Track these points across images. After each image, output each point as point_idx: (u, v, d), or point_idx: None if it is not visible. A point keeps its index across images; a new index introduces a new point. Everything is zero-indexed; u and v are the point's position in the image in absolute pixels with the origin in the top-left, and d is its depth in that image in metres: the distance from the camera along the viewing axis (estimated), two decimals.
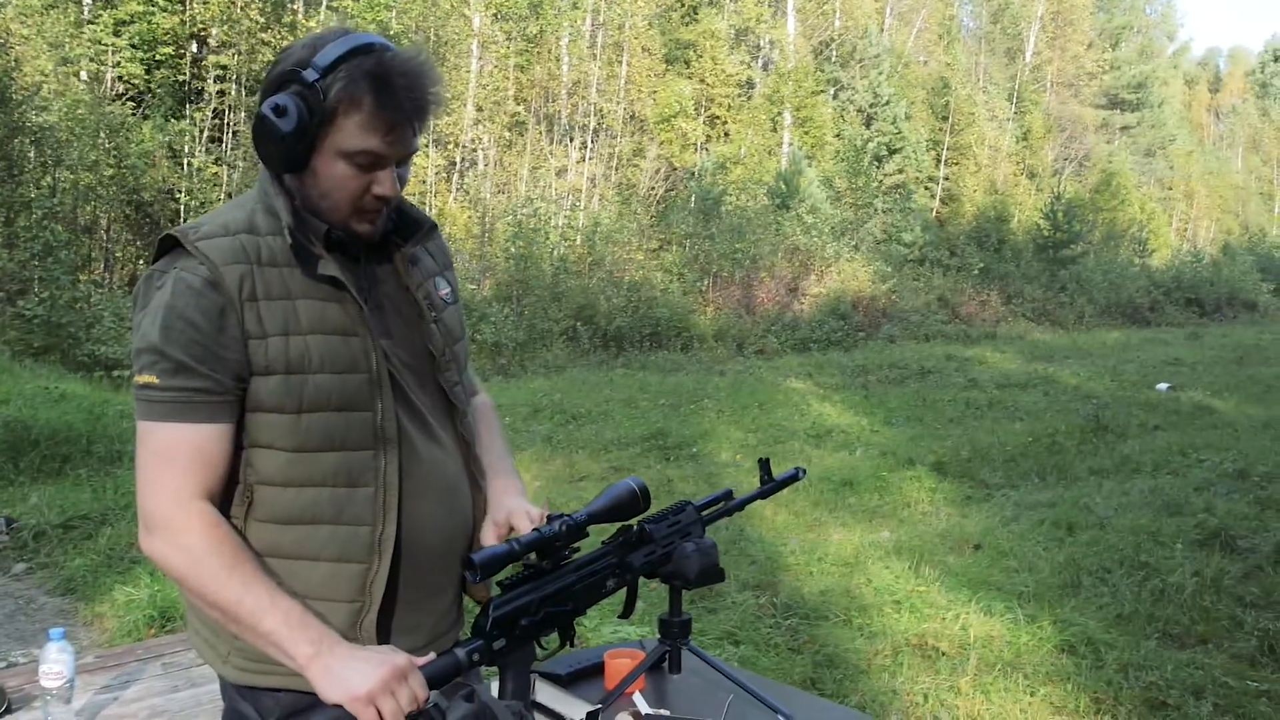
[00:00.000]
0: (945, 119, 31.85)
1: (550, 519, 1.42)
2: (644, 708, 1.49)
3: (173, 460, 1.30)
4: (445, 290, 1.56)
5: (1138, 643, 4.08)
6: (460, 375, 1.54)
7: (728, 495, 1.69)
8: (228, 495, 1.36)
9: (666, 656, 1.66)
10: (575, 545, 1.44)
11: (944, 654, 3.91)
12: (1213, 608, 4.48)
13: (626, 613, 1.74)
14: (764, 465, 1.76)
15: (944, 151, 31.50)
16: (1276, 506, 6.24)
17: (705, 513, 1.66)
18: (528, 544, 1.36)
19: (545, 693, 1.61)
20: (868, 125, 29.23)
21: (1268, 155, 55.13)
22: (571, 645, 1.44)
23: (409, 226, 1.51)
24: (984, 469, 7.63)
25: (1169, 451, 8.21)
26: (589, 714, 1.37)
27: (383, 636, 1.40)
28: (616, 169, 23.60)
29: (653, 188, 23.37)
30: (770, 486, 1.77)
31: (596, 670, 1.72)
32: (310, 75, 1.32)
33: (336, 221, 1.39)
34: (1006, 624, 4.25)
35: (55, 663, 2.48)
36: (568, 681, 1.65)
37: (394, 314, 1.46)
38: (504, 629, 1.34)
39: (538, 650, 1.43)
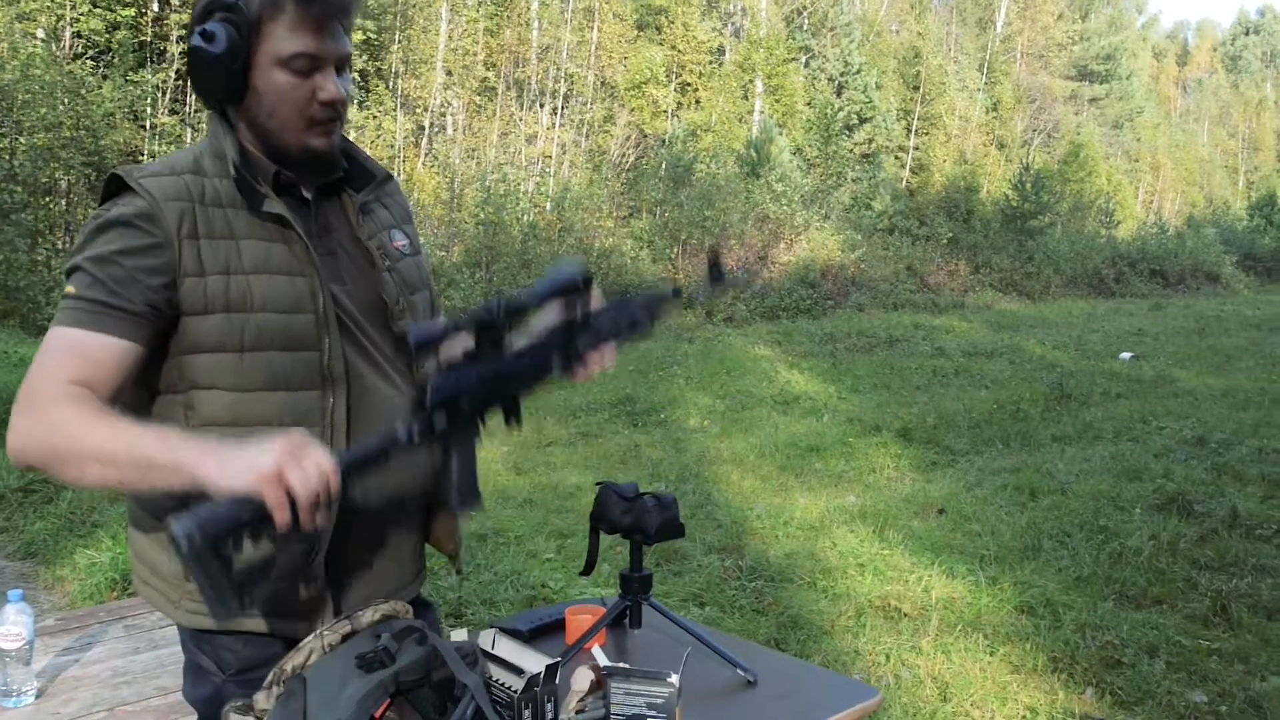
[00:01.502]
0: (916, 89, 31.90)
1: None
2: (603, 661, 1.50)
3: (54, 355, 1.27)
4: (402, 241, 1.54)
5: (1095, 604, 4.16)
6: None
7: (677, 292, 1.58)
8: None
9: (628, 612, 1.67)
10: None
11: (906, 615, 3.97)
12: (1168, 570, 4.56)
13: (588, 570, 1.76)
14: (715, 260, 1.58)
15: (914, 121, 31.57)
16: (1232, 473, 6.36)
17: (652, 307, 1.53)
18: (467, 319, 1.31)
19: (505, 647, 1.62)
20: (839, 94, 29.21)
21: (1234, 128, 55.66)
22: (519, 424, 1.38)
23: (362, 177, 1.50)
24: (949, 435, 7.71)
25: (1130, 419, 8.34)
26: (548, 667, 1.37)
27: (336, 587, 1.40)
28: (587, 135, 23.45)
29: (623, 155, 23.25)
30: (715, 288, 1.58)
31: (558, 626, 1.73)
32: None
33: (289, 143, 1.37)
34: (968, 586, 4.31)
35: (14, 624, 2.45)
36: (528, 637, 1.66)
37: (347, 261, 1.45)
38: (445, 406, 1.30)
39: (480, 430, 1.37)
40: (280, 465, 1.13)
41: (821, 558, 4.64)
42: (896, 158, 30.86)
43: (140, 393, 1.36)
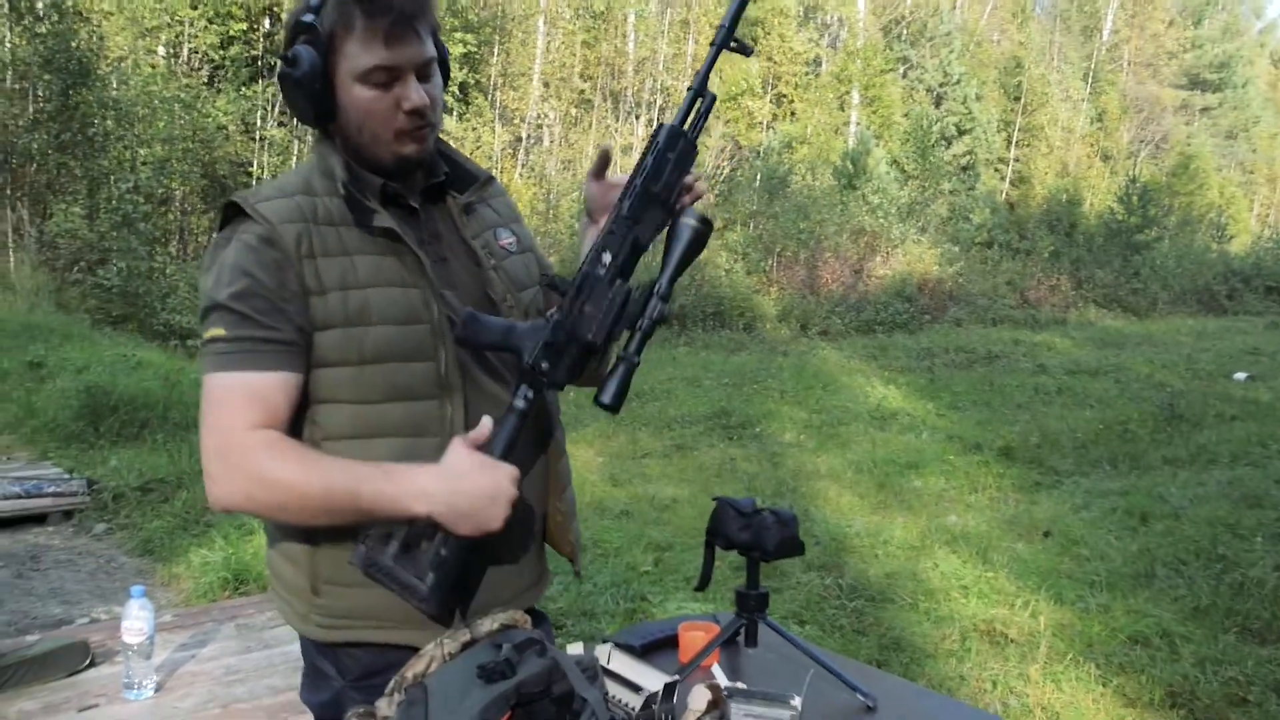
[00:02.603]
0: (1017, 99, 31.19)
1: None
2: (723, 680, 1.47)
3: (230, 404, 1.31)
4: (508, 239, 1.55)
5: (1215, 636, 3.97)
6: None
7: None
8: None
9: (743, 630, 1.64)
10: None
11: (1013, 641, 3.85)
12: None
13: (702, 585, 1.73)
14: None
15: (1015, 132, 30.86)
16: None
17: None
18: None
19: (620, 662, 1.61)
20: (937, 105, 28.70)
21: None
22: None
23: (464, 179, 1.52)
24: (1053, 455, 7.48)
25: (1247, 443, 7.97)
26: (666, 685, 1.36)
27: (459, 594, 1.40)
28: None
29: (718, 166, 23.22)
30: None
31: (670, 642, 1.71)
32: (308, 17, 1.34)
33: (382, 154, 1.39)
34: (1077, 613, 4.17)
35: (136, 619, 2.54)
36: (642, 652, 1.64)
37: (456, 265, 1.46)
38: (544, 350, 1.35)
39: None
40: (498, 521, 1.29)
41: (923, 579, 4.54)
42: (996, 170, 30.21)
43: None
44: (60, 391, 6.94)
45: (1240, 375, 13.04)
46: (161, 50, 16.15)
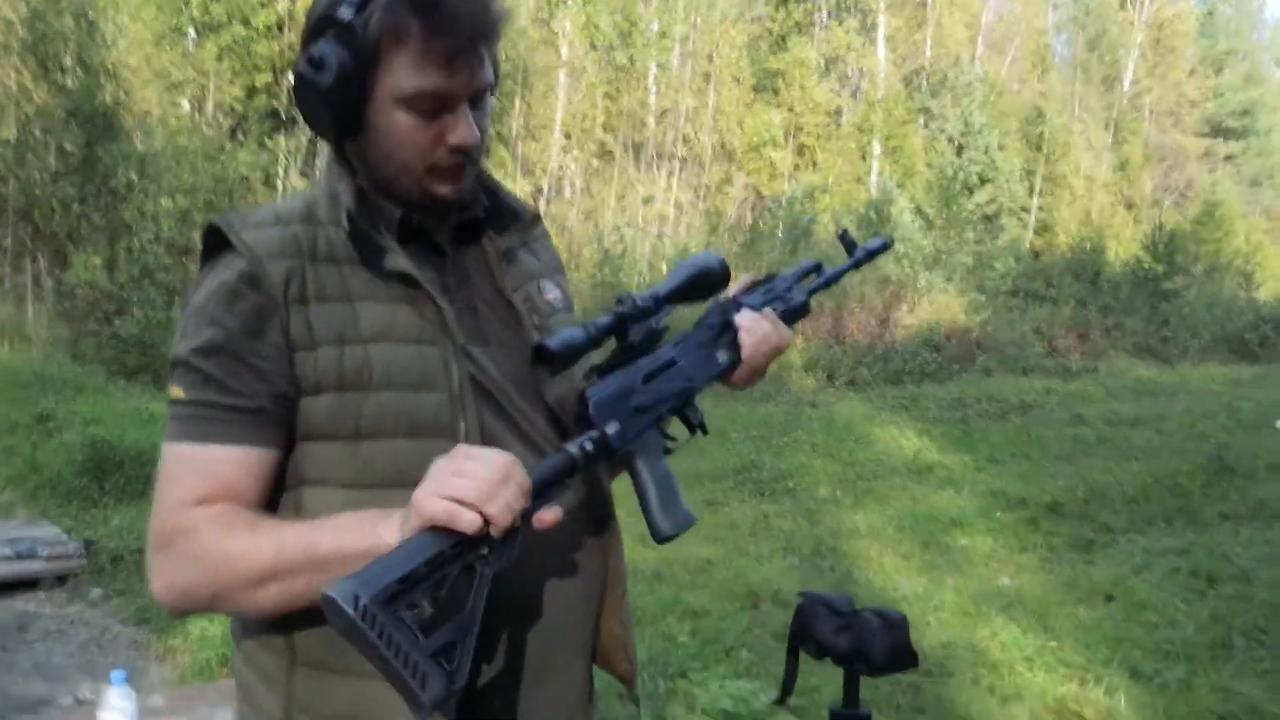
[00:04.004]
0: (1039, 148, 31.11)
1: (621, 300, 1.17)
2: None
3: (179, 481, 1.05)
4: (553, 294, 1.26)
5: None
6: (574, 395, 1.22)
7: (817, 267, 1.47)
8: None
9: None
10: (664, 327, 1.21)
11: None
12: None
13: (783, 697, 1.43)
14: (845, 236, 1.52)
15: (1038, 181, 30.72)
16: None
17: (801, 282, 1.44)
18: (603, 326, 1.13)
19: None
20: (959, 154, 28.58)
21: None
22: (703, 431, 1.25)
23: (506, 218, 1.24)
24: (1103, 511, 7.11)
25: None
26: None
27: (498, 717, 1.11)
28: (704, 197, 23.42)
29: (740, 216, 23.10)
30: (861, 256, 1.51)
31: None
32: (345, 13, 1.06)
33: (410, 189, 1.12)
34: (1155, 689, 3.81)
35: (115, 711, 2.25)
36: None
37: (490, 318, 1.18)
38: (612, 411, 1.11)
39: (665, 441, 1.20)
40: (490, 492, 0.94)
41: (982, 649, 4.19)
42: (1019, 219, 30.01)
43: None
44: (66, 446, 6.70)
45: None
46: (185, 104, 16.20)
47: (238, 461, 1.04)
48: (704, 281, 1.20)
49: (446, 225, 1.18)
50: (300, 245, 1.09)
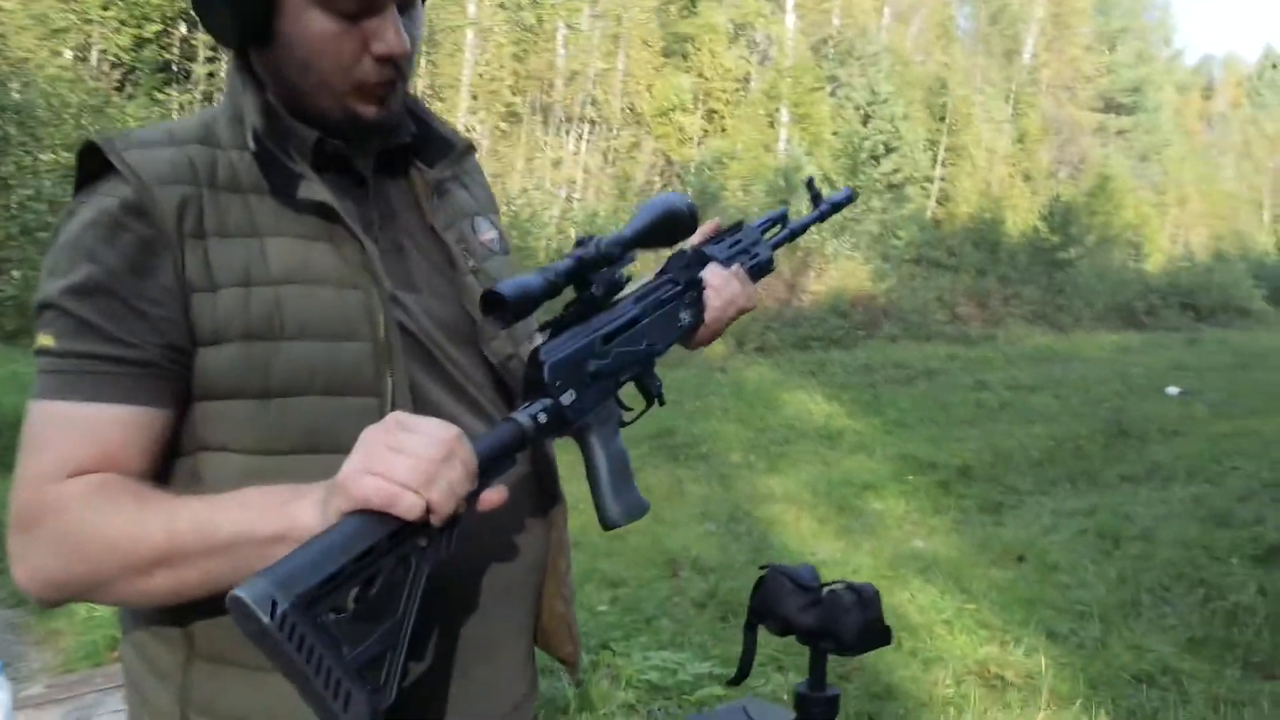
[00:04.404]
0: (942, 119, 31.66)
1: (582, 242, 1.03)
2: None
3: (48, 446, 0.87)
4: (489, 234, 1.12)
5: (1219, 672, 3.69)
6: (517, 347, 1.09)
7: (783, 217, 1.35)
8: None
9: None
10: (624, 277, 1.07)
11: (1011, 684, 3.50)
12: None
13: (739, 678, 1.31)
14: (811, 185, 1.41)
15: (941, 152, 31.28)
16: None
17: (766, 235, 1.32)
18: (563, 271, 0.98)
19: None
20: (865, 123, 28.89)
21: (1260, 164, 55.32)
22: (660, 402, 1.14)
23: (436, 148, 1.08)
24: (1010, 474, 7.26)
25: (1200, 459, 7.86)
26: None
27: (430, 709, 0.96)
28: (613, 162, 23.20)
29: (649, 181, 22.96)
30: (826, 208, 1.39)
31: None
32: None
33: (329, 108, 0.95)
34: (1072, 649, 3.85)
35: None
36: None
37: (419, 260, 1.03)
38: (568, 377, 0.97)
39: (621, 413, 1.07)
40: (431, 474, 0.78)
41: (902, 613, 4.17)
42: (923, 188, 30.53)
43: None
44: None
45: (1173, 390, 13.13)
46: (68, 53, 15.28)
47: (121, 423, 0.87)
48: (670, 225, 1.06)
49: (369, 152, 1.02)
50: (196, 170, 0.91)
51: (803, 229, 1.37)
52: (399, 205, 1.04)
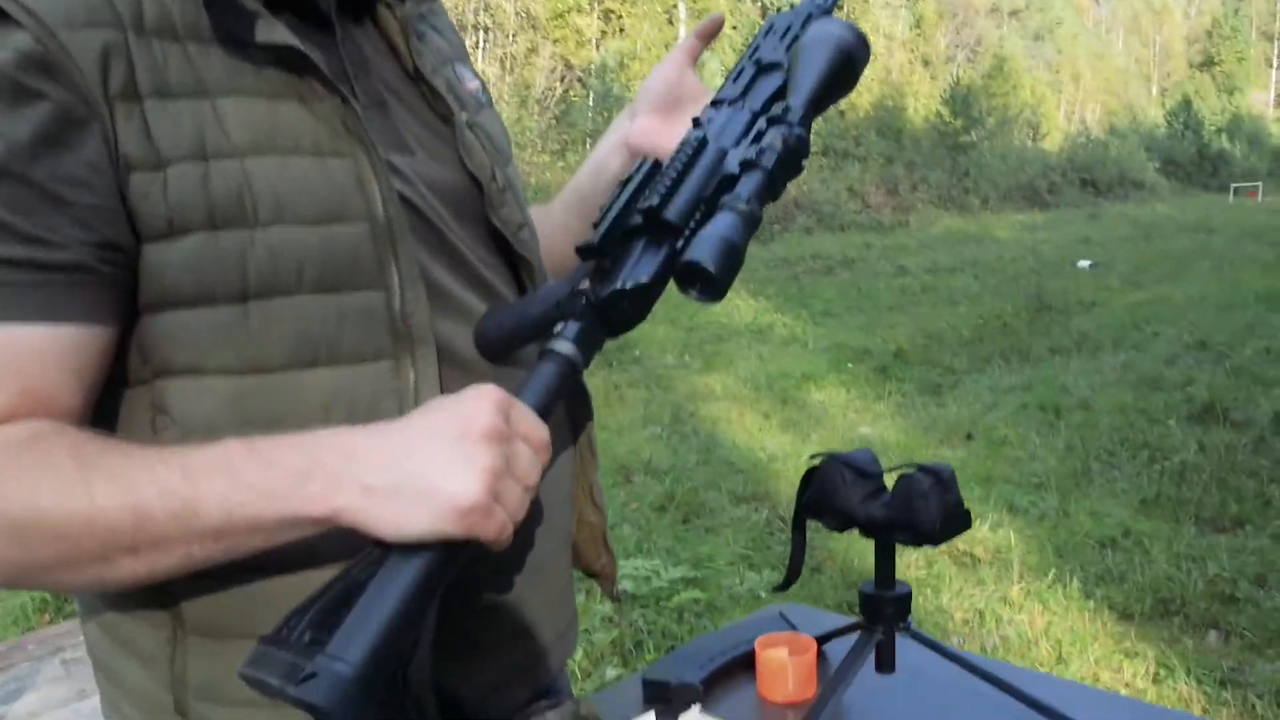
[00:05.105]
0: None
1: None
2: None
3: None
4: (473, 83, 0.89)
5: (1176, 530, 3.73)
6: (525, 215, 0.88)
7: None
8: None
9: (878, 649, 1.07)
10: None
11: (981, 560, 3.48)
12: (1238, 486, 4.16)
13: (788, 581, 1.17)
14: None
15: None
16: (1252, 376, 6.02)
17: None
18: (760, 212, 0.71)
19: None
20: (763, 16, 28.53)
21: (1146, 37, 56.43)
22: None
23: None
24: (944, 355, 7.30)
25: (1123, 327, 8.03)
26: None
27: (459, 659, 0.78)
28: (511, 69, 22.51)
29: (549, 88, 22.36)
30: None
31: (743, 666, 1.14)
32: None
33: None
34: (1034, 520, 3.85)
35: None
36: (701, 694, 1.06)
37: (406, 115, 0.81)
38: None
39: None
40: (493, 483, 0.61)
41: None
42: None
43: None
44: None
45: (1084, 263, 13.41)
46: None
47: (44, 348, 0.64)
48: (850, 69, 0.81)
49: None
50: (117, 10, 0.66)
51: None
52: (370, 52, 0.82)
